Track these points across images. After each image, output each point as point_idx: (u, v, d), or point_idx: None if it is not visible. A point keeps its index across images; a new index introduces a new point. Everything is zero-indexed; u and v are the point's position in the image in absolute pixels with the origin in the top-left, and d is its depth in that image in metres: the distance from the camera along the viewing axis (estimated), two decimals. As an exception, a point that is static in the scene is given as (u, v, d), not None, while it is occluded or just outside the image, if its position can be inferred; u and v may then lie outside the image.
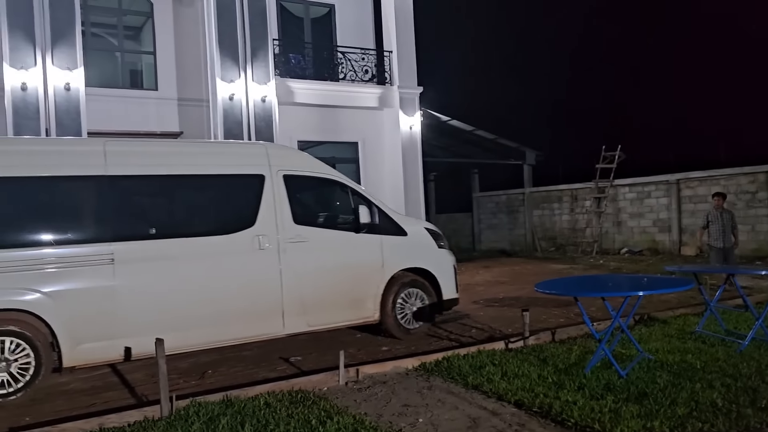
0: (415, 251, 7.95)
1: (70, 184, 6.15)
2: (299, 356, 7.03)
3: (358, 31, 17.49)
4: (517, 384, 5.13)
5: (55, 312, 5.78)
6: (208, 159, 7.09)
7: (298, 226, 7.08)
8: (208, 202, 7.04)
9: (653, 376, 5.12)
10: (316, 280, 7.09)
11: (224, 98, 13.26)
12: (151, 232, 6.37)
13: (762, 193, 16.15)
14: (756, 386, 4.77)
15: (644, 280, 6.55)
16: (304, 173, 7.43)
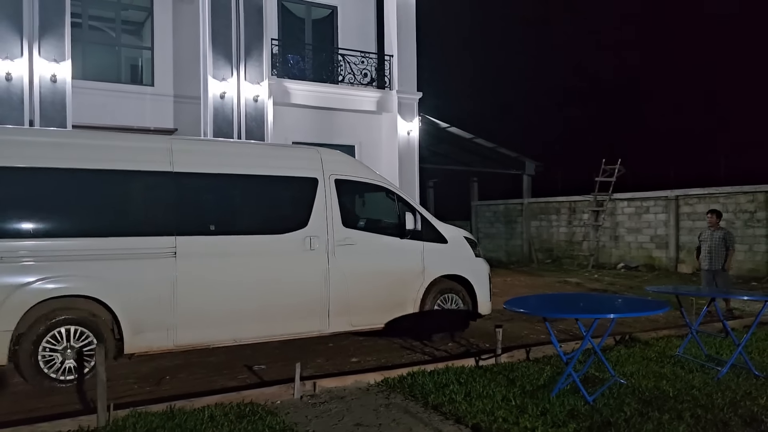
0: (453, 259, 8.13)
1: (139, 179, 6.43)
2: (264, 365, 6.79)
3: (359, 34, 17.31)
4: (479, 406, 4.88)
5: (120, 300, 6.06)
6: (266, 161, 7.32)
7: (347, 229, 7.34)
8: (264, 202, 7.24)
9: (621, 404, 4.85)
10: (361, 282, 7.31)
11: (215, 96, 13.08)
12: (210, 228, 6.65)
13: (761, 212, 15.83)
14: (727, 420, 4.50)
15: (619, 300, 6.29)
16: (354, 178, 7.66)
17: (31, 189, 5.96)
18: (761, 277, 15.54)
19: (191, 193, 6.72)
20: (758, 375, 5.72)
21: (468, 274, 8.18)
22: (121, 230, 6.24)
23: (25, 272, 5.76)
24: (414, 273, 7.78)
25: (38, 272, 5.80)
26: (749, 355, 6.46)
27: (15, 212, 5.90)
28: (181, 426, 4.42)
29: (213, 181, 6.85)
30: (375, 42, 17.69)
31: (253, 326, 6.72)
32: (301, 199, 7.24)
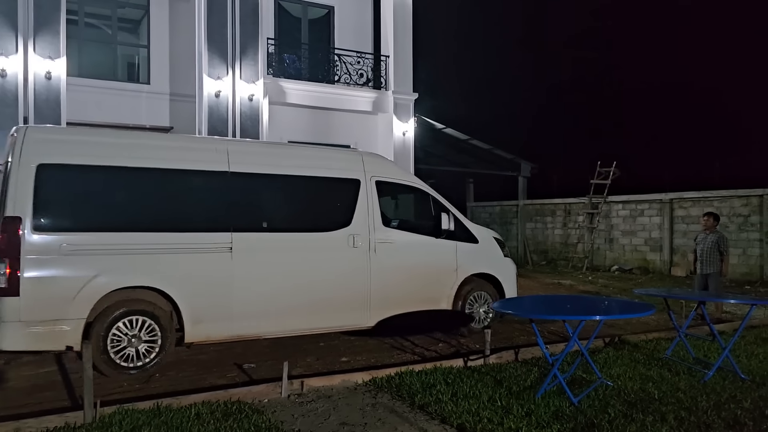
0: (484, 258, 8.53)
1: (200, 178, 6.84)
2: (253, 363, 6.81)
3: (356, 35, 17.32)
4: (464, 406, 4.90)
5: (181, 291, 6.46)
6: (312, 162, 7.67)
7: (387, 229, 7.77)
8: (311, 202, 7.64)
9: (606, 405, 4.87)
10: (400, 279, 7.71)
11: (210, 95, 13.10)
12: (263, 226, 7.04)
13: (754, 216, 15.88)
14: (710, 422, 4.52)
15: (605, 303, 6.32)
16: (393, 180, 8.07)
17: (102, 186, 6.39)
18: (755, 281, 15.58)
19: (245, 192, 7.07)
20: (744, 378, 5.75)
21: (497, 272, 8.56)
22: (182, 226, 6.63)
23: (97, 264, 6.12)
24: (448, 271, 8.15)
25: (108, 264, 6.17)
26: (737, 358, 6.50)
27: (89, 207, 6.34)
28: (167, 423, 4.44)
29: (265, 180, 7.23)
30: (371, 42, 17.70)
31: (301, 318, 7.12)
32: (345, 199, 7.63)
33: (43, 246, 5.95)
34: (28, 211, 5.91)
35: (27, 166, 5.98)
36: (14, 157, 6.03)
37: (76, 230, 6.13)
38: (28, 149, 6.06)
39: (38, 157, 6.04)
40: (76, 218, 6.22)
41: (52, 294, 5.94)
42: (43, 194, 6.01)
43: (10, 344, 5.91)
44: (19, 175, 5.95)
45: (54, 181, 6.08)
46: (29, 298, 5.84)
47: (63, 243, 6.03)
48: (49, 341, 5.99)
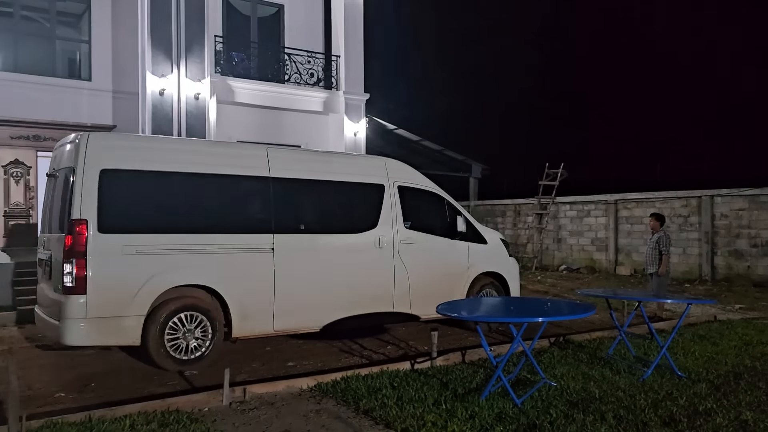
0: (492, 258, 9.10)
1: (246, 183, 7.31)
2: (195, 370, 6.61)
3: (307, 34, 17.12)
4: (409, 410, 4.86)
5: (229, 289, 6.86)
6: (342, 168, 8.19)
7: (408, 230, 8.31)
8: (342, 205, 8.18)
9: (548, 406, 4.92)
10: (419, 276, 8.25)
11: (154, 93, 12.74)
12: (301, 228, 7.54)
13: (693, 217, 16.46)
14: (647, 420, 4.61)
15: (548, 304, 6.41)
16: (413, 185, 8.57)
17: (159, 190, 6.78)
18: (694, 279, 16.15)
19: (285, 196, 7.50)
20: (680, 375, 5.90)
21: (503, 271, 9.16)
22: (230, 227, 7.07)
23: (155, 263, 6.51)
24: (461, 269, 8.73)
25: (165, 263, 6.56)
26: (674, 356, 6.68)
27: (147, 210, 6.70)
28: (99, 436, 4.24)
29: (301, 185, 7.67)
30: (323, 42, 17.55)
31: (334, 313, 7.57)
32: (371, 203, 8.14)
33: (107, 247, 6.29)
34: (92, 214, 6.25)
35: (91, 171, 6.32)
36: (78, 162, 6.33)
37: (136, 231, 6.50)
38: (92, 155, 6.38)
39: (101, 163, 6.40)
40: (135, 220, 6.57)
41: (116, 292, 6.29)
42: (106, 198, 6.35)
43: (76, 340, 6.27)
44: (84, 179, 6.29)
45: (116, 186, 6.43)
46: (94, 296, 6.18)
47: (125, 244, 6.38)
48: (112, 337, 6.38)
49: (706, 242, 16.10)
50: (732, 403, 5.01)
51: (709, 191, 16.10)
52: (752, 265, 15.27)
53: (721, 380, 5.75)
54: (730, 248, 15.75)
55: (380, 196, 8.16)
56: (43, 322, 6.89)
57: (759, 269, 15.11)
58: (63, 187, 6.66)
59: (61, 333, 6.21)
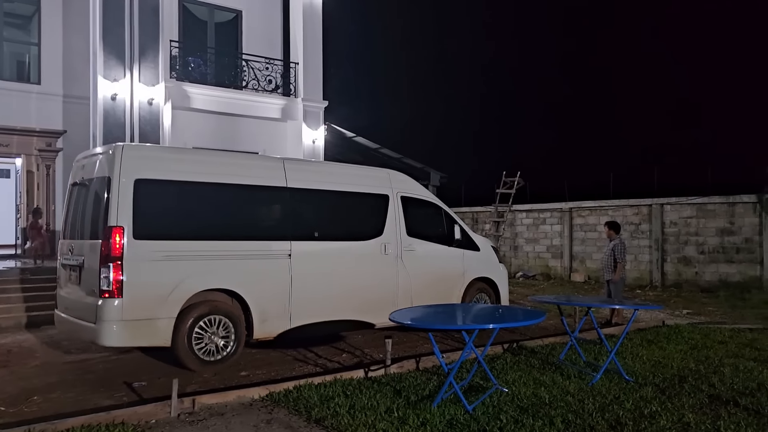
0: (484, 264, 9.66)
1: (266, 192, 7.69)
2: (144, 381, 6.45)
3: (265, 40, 17.01)
4: (361, 419, 4.84)
5: (251, 293, 7.22)
6: (352, 179, 8.58)
7: (410, 238, 8.77)
8: (352, 214, 8.59)
9: (499, 412, 4.96)
10: (420, 280, 8.72)
11: (106, 97, 12.45)
12: (315, 235, 7.94)
13: (644, 225, 16.93)
14: (594, 424, 4.70)
15: (499, 311, 6.49)
16: (414, 195, 9.04)
17: (189, 198, 7.09)
18: (645, 285, 16.60)
19: (300, 205, 7.90)
20: (628, 379, 6.04)
21: (494, 276, 9.72)
22: (252, 235, 7.45)
23: (185, 268, 6.84)
24: (457, 274, 9.24)
25: (194, 268, 6.90)
26: (624, 360, 6.84)
27: (178, 217, 7.04)
28: (37, 452, 4.09)
29: (315, 195, 8.06)
30: (281, 49, 17.45)
31: (344, 314, 7.93)
32: (377, 212, 8.58)
33: (141, 252, 6.58)
34: (128, 221, 6.53)
35: (127, 180, 6.62)
36: (114, 172, 6.62)
37: (167, 238, 6.80)
38: (127, 165, 6.68)
39: (136, 173, 6.70)
40: (167, 227, 6.88)
41: (149, 295, 6.59)
42: (140, 206, 6.63)
43: (112, 341, 6.55)
44: (121, 188, 6.57)
45: (149, 194, 6.73)
46: (130, 299, 6.46)
47: (157, 250, 6.68)
48: (145, 338, 6.64)
49: (657, 249, 16.57)
50: (675, 406, 5.14)
51: (659, 200, 16.60)
52: (700, 271, 15.78)
53: (666, 383, 5.90)
54: (679, 255, 16.25)
55: (385, 205, 8.63)
56: (71, 324, 7.12)
57: (706, 275, 15.62)
58: (95, 196, 7.00)
59: (98, 334, 6.48)
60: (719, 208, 15.53)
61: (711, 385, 5.80)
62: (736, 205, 15.24)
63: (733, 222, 15.30)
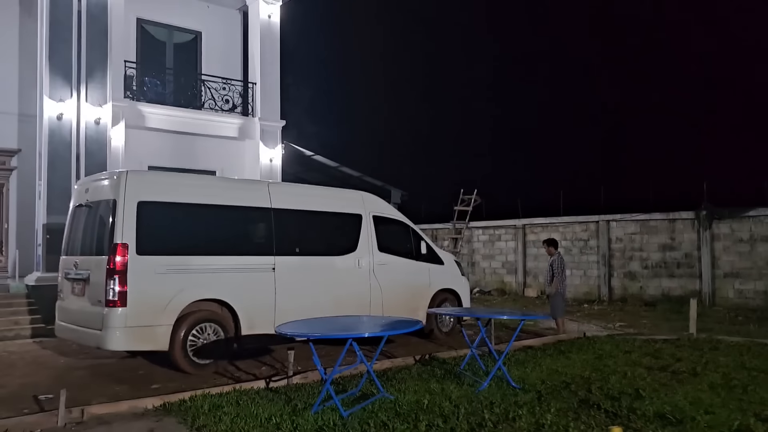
0: (449, 276, 10.51)
1: (251, 213, 8.54)
2: (51, 394, 6.58)
3: (225, 61, 17.30)
4: (239, 425, 5.06)
5: (239, 302, 7.95)
6: (328, 201, 9.46)
7: (381, 253, 9.60)
8: (329, 232, 9.44)
9: (372, 417, 5.20)
10: (391, 291, 9.50)
11: (51, 117, 12.61)
12: (296, 251, 8.75)
13: (593, 240, 17.34)
14: (456, 426, 4.95)
15: (383, 320, 6.77)
16: (384, 215, 9.96)
17: (184, 218, 7.91)
18: (593, 300, 16.95)
19: (283, 223, 8.67)
20: (516, 387, 6.31)
21: (458, 288, 10.53)
22: (240, 250, 8.25)
23: (181, 281, 7.57)
24: (424, 285, 10.07)
25: (189, 281, 7.64)
26: (524, 369, 7.12)
27: (175, 235, 7.79)
28: None
29: (296, 214, 8.89)
30: (241, 69, 17.76)
31: None
32: (352, 230, 9.40)
33: (143, 266, 7.30)
34: (132, 239, 7.28)
35: (131, 202, 7.39)
36: (119, 195, 7.41)
37: (165, 254, 7.54)
38: (131, 189, 7.47)
39: (138, 196, 7.48)
40: (166, 244, 7.64)
41: (150, 305, 7.29)
42: (142, 225, 7.39)
43: (117, 345, 7.34)
44: (125, 209, 7.35)
45: (149, 215, 7.49)
46: (132, 308, 7.16)
47: (157, 264, 7.41)
48: (146, 343, 7.36)
49: (604, 264, 16.97)
50: (542, 410, 5.40)
51: (606, 216, 17.04)
52: (644, 286, 16.18)
53: (549, 390, 6.18)
54: (625, 270, 16.65)
55: (359, 224, 9.47)
56: (75, 333, 7.87)
57: (650, 289, 16.02)
58: (100, 217, 7.73)
59: (103, 340, 7.18)
60: (661, 225, 15.99)
61: (589, 390, 6.09)
62: (676, 221, 15.71)
63: (673, 238, 15.75)
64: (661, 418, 5.10)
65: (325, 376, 5.47)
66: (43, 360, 8.72)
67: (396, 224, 10.15)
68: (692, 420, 4.97)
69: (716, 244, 14.96)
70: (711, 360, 7.59)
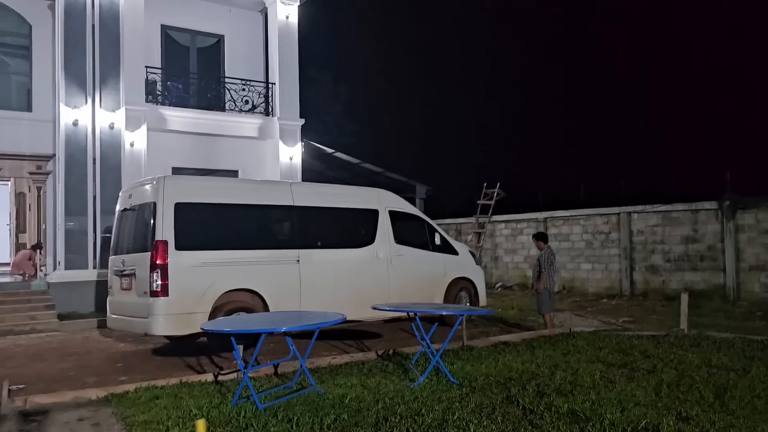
0: (463, 265, 11.34)
1: (277, 210, 9.53)
2: (23, 384, 7.03)
3: (247, 63, 17.72)
4: (161, 414, 5.27)
5: (268, 291, 8.82)
6: (348, 198, 10.44)
7: (397, 245, 10.42)
8: (349, 226, 10.35)
9: (288, 410, 5.31)
10: (408, 281, 10.27)
11: (67, 123, 13.31)
12: (318, 244, 9.62)
13: (614, 233, 16.81)
14: (360, 420, 4.99)
15: (309, 316, 6.86)
16: (400, 210, 10.80)
17: (217, 217, 8.89)
18: (614, 294, 16.44)
19: (305, 220, 9.60)
20: (454, 382, 6.27)
21: (472, 276, 11.41)
22: (268, 245, 9.23)
23: (216, 273, 8.50)
24: (439, 275, 10.86)
25: (222, 273, 8.56)
26: (480, 364, 7.04)
27: (209, 232, 8.75)
28: None
29: (317, 211, 9.76)
30: (264, 70, 18.14)
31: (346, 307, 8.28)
32: (370, 224, 10.24)
33: (182, 261, 8.26)
34: (171, 236, 8.24)
35: (168, 204, 8.38)
36: (158, 198, 8.43)
37: (202, 249, 8.50)
38: (168, 192, 8.47)
39: (175, 198, 8.47)
40: (201, 240, 8.57)
41: (189, 294, 8.23)
42: (179, 223, 8.33)
43: (161, 331, 8.35)
44: (164, 210, 8.32)
45: (185, 214, 8.44)
46: (173, 298, 8.12)
47: (193, 258, 8.37)
48: (186, 328, 8.20)
49: (625, 258, 16.43)
50: (463, 404, 5.37)
51: (627, 208, 16.49)
52: (666, 280, 15.58)
53: (484, 386, 6.09)
54: (646, 263, 16.08)
55: (376, 219, 10.30)
56: (125, 322, 8.92)
57: (672, 283, 15.40)
58: (143, 218, 8.74)
59: (149, 326, 8.21)
60: (683, 216, 15.34)
61: (524, 387, 5.97)
62: (699, 212, 15.04)
63: (696, 229, 15.09)
64: (572, 415, 4.99)
65: (243, 370, 5.62)
66: (42, 353, 9.26)
67: (411, 218, 10.99)
68: (599, 418, 4.84)
69: (740, 236, 14.23)
70: (679, 357, 7.30)
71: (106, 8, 13.83)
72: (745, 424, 4.70)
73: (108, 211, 13.62)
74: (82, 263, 13.17)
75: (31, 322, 11.35)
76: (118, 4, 13.99)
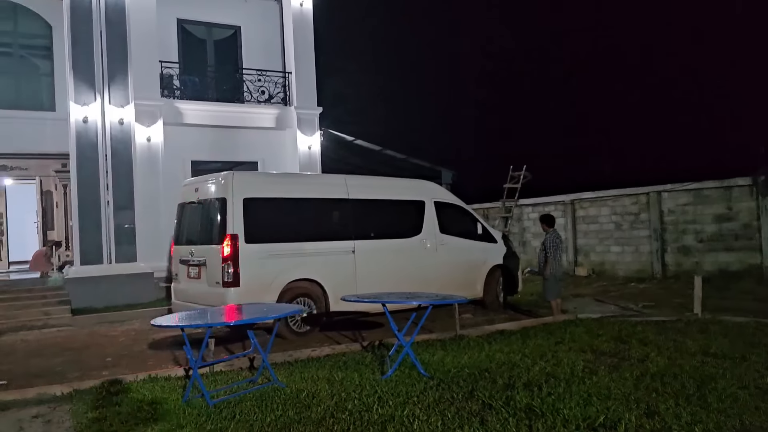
0: (501, 253, 11.65)
1: (334, 204, 9.92)
2: (5, 380, 7.10)
3: (266, 53, 17.61)
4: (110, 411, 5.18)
5: (327, 280, 9.28)
6: (396, 190, 10.81)
7: (443, 235, 10.77)
8: (399, 217, 10.68)
9: (238, 405, 5.13)
10: (453, 268, 10.65)
11: (78, 120, 13.47)
12: (371, 235, 9.94)
13: (644, 214, 16.01)
14: (306, 416, 4.76)
15: (264, 308, 6.64)
16: (444, 200, 11.16)
17: (281, 210, 9.25)
18: (646, 277, 15.67)
19: (359, 212, 9.94)
20: (425, 375, 5.96)
21: (509, 263, 11.66)
22: (325, 236, 9.57)
23: (281, 264, 8.95)
24: (480, 262, 11.22)
25: (287, 264, 9.02)
26: (464, 356, 6.70)
27: (274, 225, 9.10)
28: None
29: (370, 203, 10.16)
30: (281, 60, 18.00)
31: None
32: (417, 215, 10.61)
33: (251, 252, 8.66)
34: (241, 230, 8.66)
35: (238, 199, 8.77)
36: (228, 193, 8.81)
37: (268, 241, 8.90)
38: (237, 188, 8.85)
39: (244, 193, 8.87)
40: (268, 233, 8.95)
41: (257, 284, 8.65)
42: (248, 217, 8.75)
43: None
44: (234, 205, 8.72)
45: (253, 209, 8.85)
46: (244, 287, 8.52)
47: (261, 250, 8.77)
48: None
49: (656, 239, 15.62)
50: (421, 399, 5.08)
51: (656, 187, 15.64)
52: (699, 261, 14.71)
53: (458, 377, 5.77)
54: (678, 244, 15.24)
55: (422, 210, 10.65)
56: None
57: (706, 265, 14.53)
58: (212, 212, 9.15)
59: None
60: (715, 194, 14.42)
61: (494, 380, 5.61)
62: (732, 189, 14.09)
63: (730, 207, 14.16)
64: (528, 411, 4.61)
65: (193, 364, 5.46)
66: (43, 349, 9.36)
67: (454, 208, 11.27)
68: (555, 413, 4.46)
69: (778, 213, 13.28)
70: (677, 345, 6.77)
71: (112, 5, 13.91)
72: (714, 419, 4.25)
73: (121, 206, 13.83)
74: (97, 258, 13.34)
75: (44, 318, 11.55)
76: (123, 1, 14.04)
